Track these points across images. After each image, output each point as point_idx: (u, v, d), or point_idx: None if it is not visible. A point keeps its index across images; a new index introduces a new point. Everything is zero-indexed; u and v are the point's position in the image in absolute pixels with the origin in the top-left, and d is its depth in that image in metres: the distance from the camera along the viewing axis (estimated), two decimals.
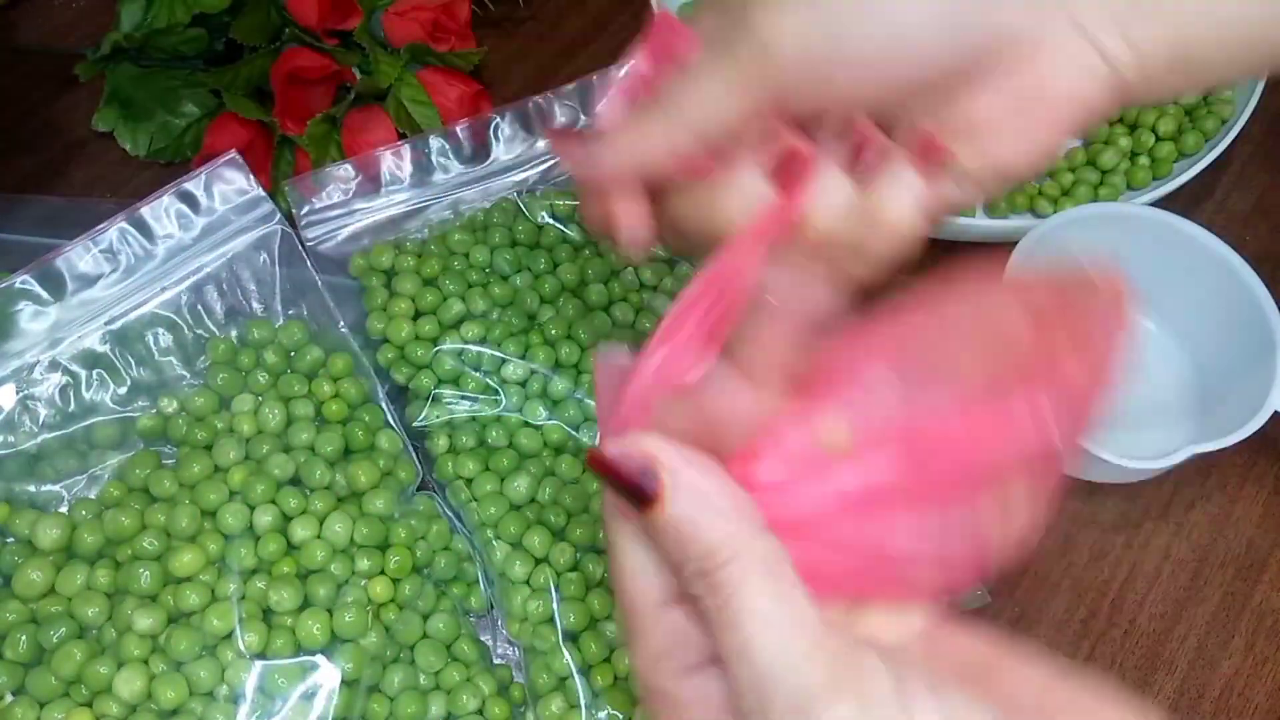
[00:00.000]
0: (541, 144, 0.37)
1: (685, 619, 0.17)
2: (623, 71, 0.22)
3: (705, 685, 0.16)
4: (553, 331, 0.33)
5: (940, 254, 0.42)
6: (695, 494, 0.16)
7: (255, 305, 0.33)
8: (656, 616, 0.17)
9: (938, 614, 0.18)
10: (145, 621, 0.27)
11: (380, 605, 0.29)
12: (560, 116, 0.37)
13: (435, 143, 0.35)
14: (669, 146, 0.20)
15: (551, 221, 0.36)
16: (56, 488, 0.31)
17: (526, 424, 0.32)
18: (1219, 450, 0.32)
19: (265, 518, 0.29)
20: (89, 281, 0.31)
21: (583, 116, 0.37)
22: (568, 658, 0.28)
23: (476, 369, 0.33)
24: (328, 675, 0.28)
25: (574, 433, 0.32)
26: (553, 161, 0.37)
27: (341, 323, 0.33)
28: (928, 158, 0.21)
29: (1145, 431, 0.37)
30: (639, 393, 0.17)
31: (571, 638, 0.29)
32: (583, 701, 0.28)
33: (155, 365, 0.32)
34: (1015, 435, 0.17)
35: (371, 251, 0.34)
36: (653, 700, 0.17)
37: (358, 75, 0.39)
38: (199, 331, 0.32)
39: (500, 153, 0.36)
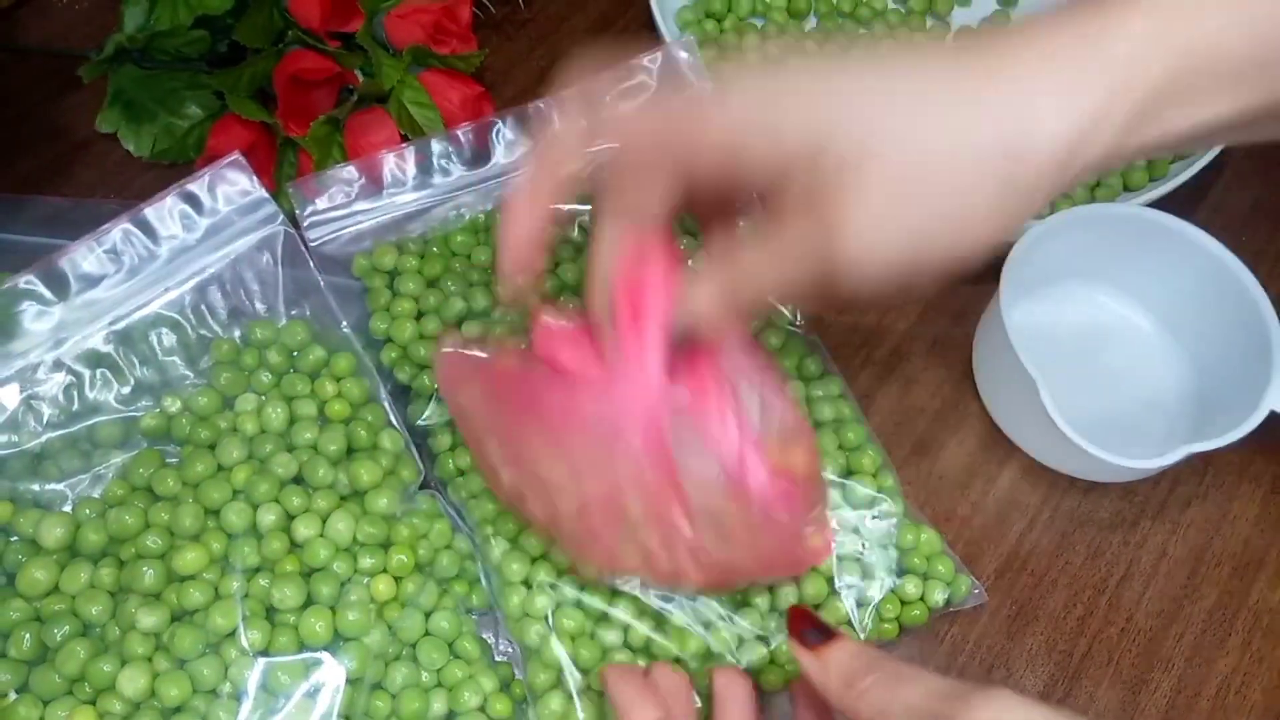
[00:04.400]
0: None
1: None
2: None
3: None
4: None
5: None
6: None
7: (258, 305, 0.33)
8: None
9: None
10: (149, 620, 0.27)
11: (383, 603, 0.29)
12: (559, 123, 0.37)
13: (437, 145, 0.36)
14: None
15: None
16: (60, 487, 0.31)
17: None
18: (1216, 449, 0.33)
19: (268, 516, 0.29)
20: (93, 282, 0.31)
21: (583, 121, 0.37)
22: (563, 654, 0.29)
23: None
24: (331, 673, 0.28)
25: None
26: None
27: (344, 323, 0.34)
28: None
29: (1142, 430, 0.37)
30: None
31: (570, 637, 0.29)
32: (578, 699, 0.28)
33: (159, 365, 0.32)
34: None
35: (374, 252, 0.35)
36: None
37: (360, 77, 0.39)
38: (202, 332, 0.33)
39: (502, 155, 0.36)
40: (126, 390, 0.31)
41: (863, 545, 0.31)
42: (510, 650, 0.31)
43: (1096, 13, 0.20)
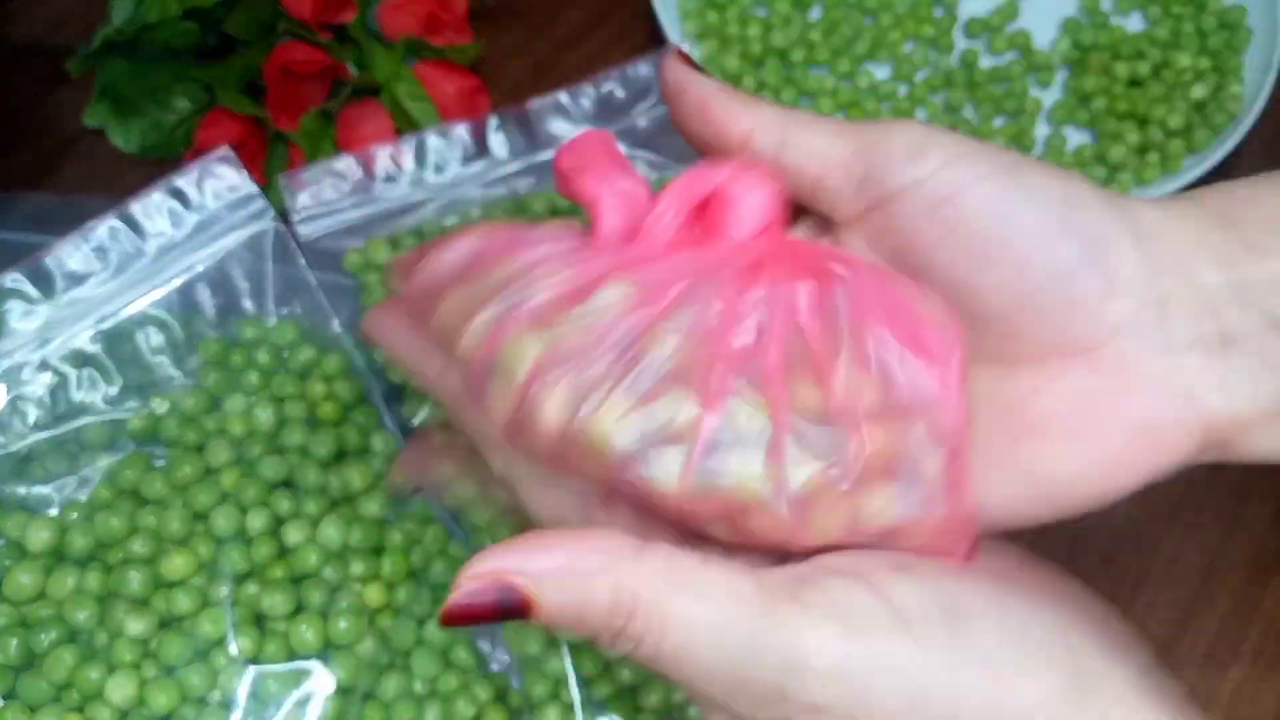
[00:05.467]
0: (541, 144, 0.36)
1: None
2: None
3: None
4: None
5: None
6: (560, 576, 0.15)
7: (247, 304, 0.33)
8: None
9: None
10: (136, 626, 0.27)
11: (375, 611, 0.29)
12: (558, 122, 0.36)
13: (433, 140, 0.35)
14: None
15: (554, 219, 0.35)
16: (47, 490, 0.30)
17: None
18: None
19: (257, 521, 0.28)
20: (79, 280, 0.31)
21: (590, 129, 0.36)
22: (567, 662, 0.28)
23: None
24: (321, 681, 0.27)
25: None
26: (553, 152, 0.36)
27: (335, 321, 0.33)
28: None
29: None
30: None
31: (571, 648, 0.28)
32: (579, 711, 0.28)
33: (146, 365, 0.31)
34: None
35: (367, 247, 0.34)
36: None
37: (353, 70, 0.38)
38: (190, 331, 0.32)
39: (499, 152, 0.36)
40: (113, 391, 0.31)
41: None
42: (506, 660, 0.31)
43: None
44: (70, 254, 0.31)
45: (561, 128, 0.36)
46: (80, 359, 0.31)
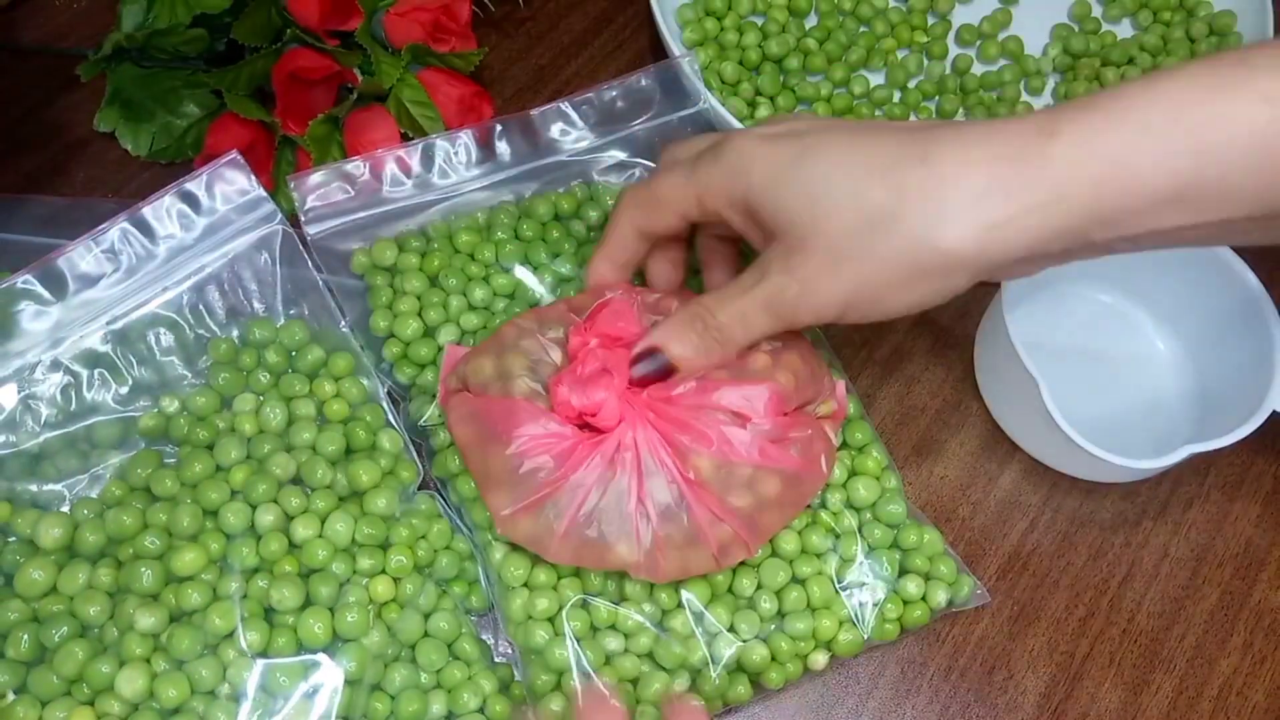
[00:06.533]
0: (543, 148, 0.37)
1: None
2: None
3: None
4: None
5: None
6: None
7: (256, 305, 0.33)
8: None
9: None
10: (147, 620, 0.27)
11: (382, 604, 0.29)
12: (560, 129, 0.37)
13: (439, 145, 0.35)
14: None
15: (556, 221, 0.36)
16: (58, 487, 0.31)
17: None
18: (1217, 450, 0.32)
19: (267, 517, 0.29)
20: (90, 281, 0.31)
21: (592, 137, 0.37)
22: (563, 656, 0.29)
23: None
24: (329, 674, 0.28)
25: None
26: (555, 159, 0.37)
27: (343, 322, 0.33)
28: None
29: (1144, 431, 0.37)
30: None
31: (572, 640, 0.29)
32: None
33: (157, 365, 0.32)
34: None
35: (373, 249, 0.35)
36: None
37: (359, 76, 0.39)
38: (200, 331, 0.32)
39: (504, 156, 0.36)
40: (124, 390, 0.31)
41: (866, 546, 0.31)
42: (510, 651, 0.31)
43: (1021, 133, 0.23)
44: (82, 256, 0.31)
45: (564, 134, 0.37)
46: (91, 359, 0.31)
